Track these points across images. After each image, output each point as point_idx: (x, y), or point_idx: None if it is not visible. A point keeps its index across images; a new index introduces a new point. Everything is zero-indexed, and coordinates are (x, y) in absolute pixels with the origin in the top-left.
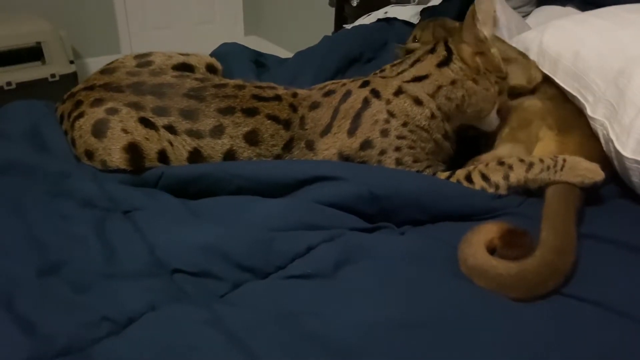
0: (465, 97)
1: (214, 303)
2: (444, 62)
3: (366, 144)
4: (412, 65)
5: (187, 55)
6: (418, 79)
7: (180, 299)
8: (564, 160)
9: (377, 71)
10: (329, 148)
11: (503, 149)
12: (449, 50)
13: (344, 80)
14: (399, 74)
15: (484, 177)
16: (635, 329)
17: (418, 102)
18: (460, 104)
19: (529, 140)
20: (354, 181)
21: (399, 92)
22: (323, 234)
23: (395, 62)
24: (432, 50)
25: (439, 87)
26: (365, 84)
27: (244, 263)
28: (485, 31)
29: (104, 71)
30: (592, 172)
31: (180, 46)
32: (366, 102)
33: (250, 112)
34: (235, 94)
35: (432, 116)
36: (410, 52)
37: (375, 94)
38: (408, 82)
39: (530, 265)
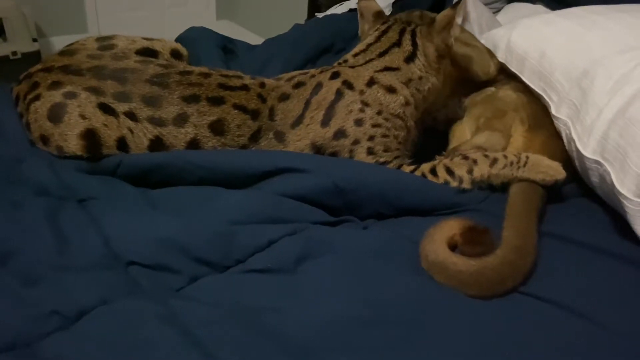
0: (431, 90)
1: (169, 297)
2: (410, 58)
3: (340, 133)
4: (380, 56)
5: (151, 40)
6: (390, 69)
7: (135, 292)
8: (527, 157)
9: (341, 61)
10: (301, 139)
11: (480, 137)
12: (414, 45)
13: (312, 71)
14: (367, 62)
15: (449, 171)
16: (592, 328)
17: (391, 90)
18: (427, 95)
19: (505, 130)
20: (318, 173)
21: (371, 82)
22: (286, 227)
23: (356, 51)
24: (398, 44)
25: (410, 80)
26: (335, 76)
27: (202, 256)
28: (455, 32)
29: (63, 52)
30: (553, 170)
31: (150, 29)
32: (339, 94)
33: (216, 101)
34: (201, 82)
35: (407, 103)
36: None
37: (348, 85)
38: (380, 71)
39: (491, 264)
